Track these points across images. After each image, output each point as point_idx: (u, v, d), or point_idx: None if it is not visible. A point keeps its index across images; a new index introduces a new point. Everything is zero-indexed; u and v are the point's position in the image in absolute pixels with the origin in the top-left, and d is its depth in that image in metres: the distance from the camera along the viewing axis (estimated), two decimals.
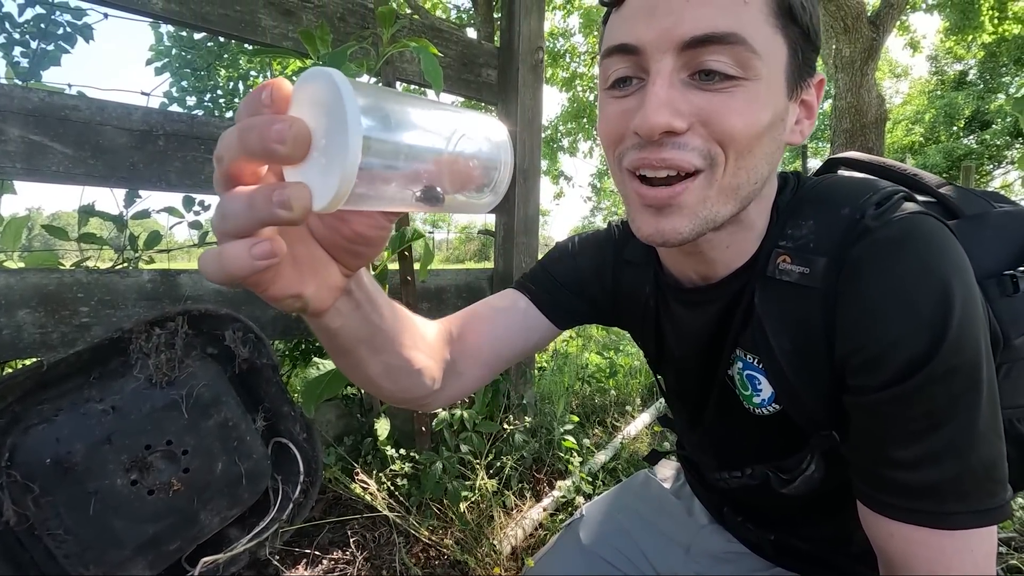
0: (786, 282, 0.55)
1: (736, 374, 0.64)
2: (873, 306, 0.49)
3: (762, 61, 0.48)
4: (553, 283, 0.77)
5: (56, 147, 1.13)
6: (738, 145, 0.49)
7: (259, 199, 0.29)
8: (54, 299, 1.14)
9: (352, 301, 0.45)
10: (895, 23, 5.41)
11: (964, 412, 0.47)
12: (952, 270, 0.48)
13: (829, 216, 0.55)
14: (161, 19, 1.30)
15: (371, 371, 0.54)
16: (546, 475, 1.77)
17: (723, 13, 0.46)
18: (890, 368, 0.48)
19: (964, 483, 0.47)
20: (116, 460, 0.98)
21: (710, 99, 0.48)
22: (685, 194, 0.50)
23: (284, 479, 1.21)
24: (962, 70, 21.71)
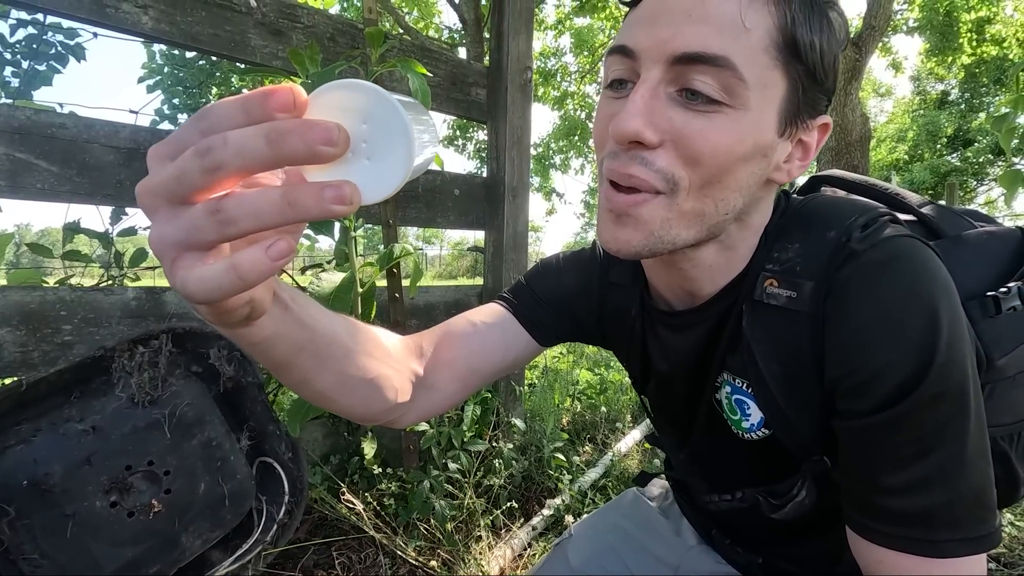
0: (774, 306, 0.54)
1: (724, 398, 0.63)
2: (861, 331, 0.49)
3: (751, 91, 0.47)
4: (535, 299, 0.76)
5: (42, 164, 1.12)
6: (704, 171, 0.48)
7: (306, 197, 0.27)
8: (36, 317, 1.12)
9: (279, 303, 0.42)
10: (877, 44, 5.54)
11: (953, 438, 0.47)
12: (939, 293, 0.48)
13: (815, 239, 0.54)
14: (151, 39, 1.31)
15: (321, 384, 0.51)
16: (536, 493, 1.76)
17: (719, 35, 0.46)
18: (879, 393, 0.47)
19: (954, 510, 0.47)
20: (95, 482, 0.96)
21: (688, 119, 0.47)
22: (643, 207, 0.49)
23: (269, 499, 1.19)
24: (944, 90, 22.24)
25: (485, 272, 2.00)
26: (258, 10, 1.41)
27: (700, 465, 0.75)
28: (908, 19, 12.34)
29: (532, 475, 1.80)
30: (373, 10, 1.54)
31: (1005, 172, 1.54)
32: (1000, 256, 0.62)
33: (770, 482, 0.62)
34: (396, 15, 5.41)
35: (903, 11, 11.98)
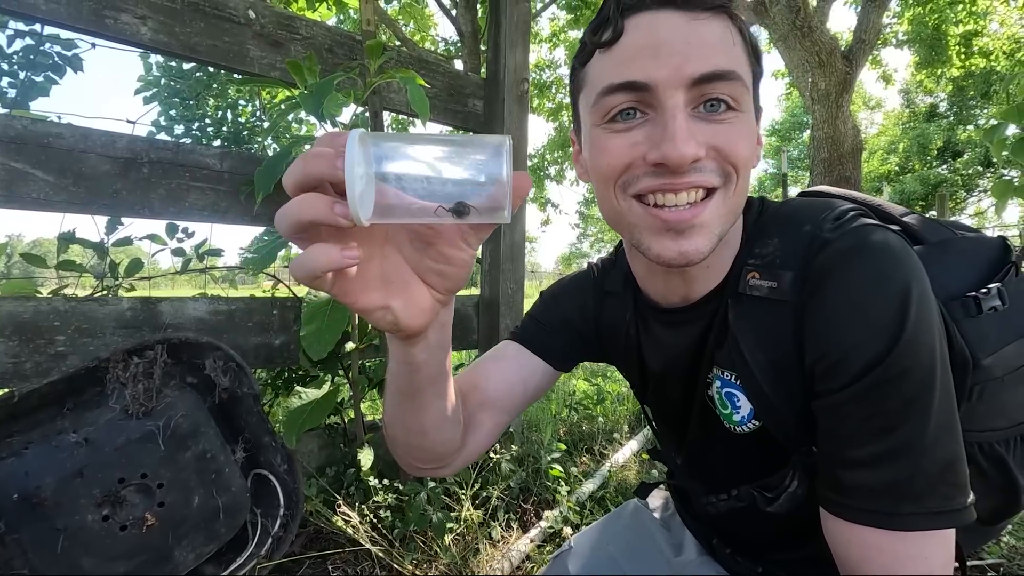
0: (757, 297, 0.58)
1: (715, 393, 0.65)
2: (833, 314, 0.52)
3: (747, 95, 0.54)
4: (541, 327, 0.80)
5: (37, 174, 1.12)
6: (742, 168, 0.54)
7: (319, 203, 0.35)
8: (29, 328, 1.11)
9: (441, 336, 0.49)
10: (867, 57, 5.62)
11: (917, 414, 0.48)
12: (907, 276, 0.51)
13: (792, 233, 0.58)
14: (150, 49, 1.31)
15: (427, 417, 0.57)
16: (533, 505, 1.74)
17: (722, 53, 0.52)
18: (849, 371, 0.50)
19: (919, 484, 0.48)
20: (88, 495, 0.95)
21: (716, 130, 0.52)
22: (705, 213, 0.53)
23: (263, 512, 1.18)
24: (932, 102, 22.56)
25: (482, 283, 2.00)
26: (256, 21, 1.42)
27: (698, 467, 0.76)
28: (897, 32, 12.53)
29: (529, 486, 1.79)
30: (372, 22, 1.55)
31: (997, 183, 1.56)
32: (980, 260, 0.65)
33: (764, 477, 0.63)
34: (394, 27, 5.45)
35: (892, 25, 12.18)
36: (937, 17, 11.22)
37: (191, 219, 1.35)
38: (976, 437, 0.63)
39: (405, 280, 0.43)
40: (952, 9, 11.14)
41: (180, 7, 1.29)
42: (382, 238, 0.43)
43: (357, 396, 1.56)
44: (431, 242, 0.42)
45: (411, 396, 0.55)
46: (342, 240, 0.38)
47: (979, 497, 0.62)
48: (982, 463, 0.65)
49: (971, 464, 0.61)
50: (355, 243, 0.39)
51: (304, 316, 1.25)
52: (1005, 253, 0.67)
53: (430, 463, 0.66)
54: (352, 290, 0.41)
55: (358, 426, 1.57)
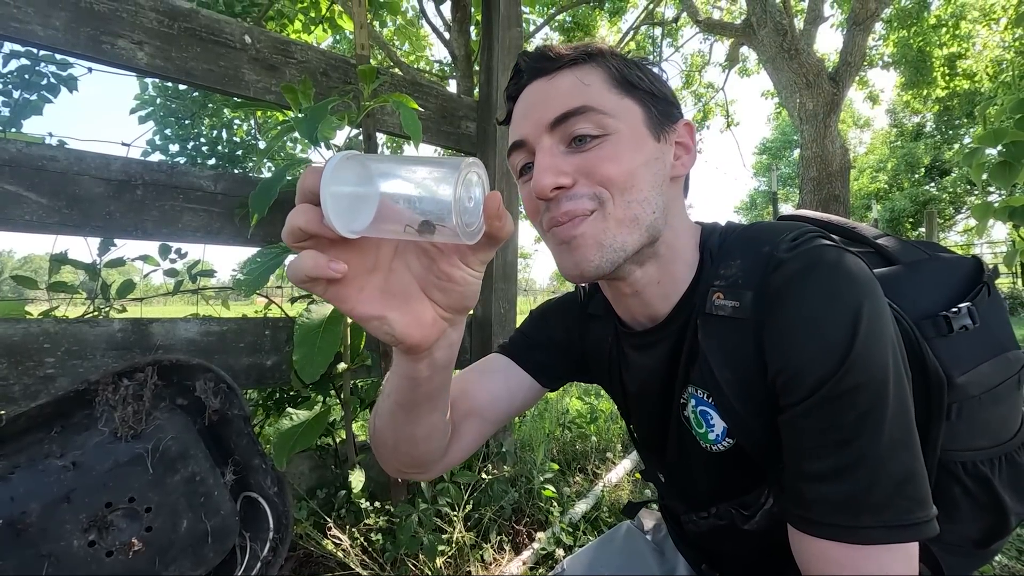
0: (723, 316, 0.60)
1: (691, 413, 0.66)
2: (788, 330, 0.54)
3: (615, 119, 0.59)
4: (530, 344, 0.83)
5: (31, 196, 1.12)
6: (618, 184, 0.58)
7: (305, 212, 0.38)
8: (19, 350, 1.11)
9: (448, 355, 0.50)
10: (854, 79, 5.73)
11: (871, 427, 0.49)
12: (858, 293, 0.53)
13: (753, 254, 0.61)
14: (147, 74, 1.33)
15: (420, 430, 0.60)
16: (526, 526, 1.73)
17: (571, 96, 0.60)
18: (803, 385, 0.52)
19: (876, 496, 0.49)
20: (74, 520, 0.94)
21: (585, 157, 0.59)
22: (583, 225, 0.59)
23: (253, 536, 1.16)
24: (919, 122, 22.97)
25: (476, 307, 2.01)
26: (252, 46, 1.44)
27: (679, 486, 0.77)
28: (883, 54, 12.81)
29: (522, 507, 1.77)
30: (365, 46, 1.58)
31: (976, 205, 1.59)
32: (953, 281, 0.67)
33: (741, 495, 0.64)
34: (387, 50, 5.51)
35: (878, 46, 12.45)
36: (921, 40, 11.49)
37: (184, 240, 1.36)
38: (959, 456, 0.64)
39: (408, 294, 0.45)
40: (936, 32, 11.42)
41: (177, 32, 1.31)
42: (391, 252, 0.44)
43: (349, 417, 1.55)
44: (435, 259, 0.44)
45: (408, 409, 0.57)
46: (341, 253, 0.40)
47: (969, 519, 0.65)
48: (967, 483, 0.65)
49: (957, 484, 0.65)
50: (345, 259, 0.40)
51: (296, 339, 1.25)
52: (978, 273, 0.68)
53: (413, 468, 0.68)
54: (348, 298, 0.42)
55: (349, 447, 1.56)
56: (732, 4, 11.39)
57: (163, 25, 1.29)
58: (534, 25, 8.49)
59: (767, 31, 5.51)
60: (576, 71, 0.62)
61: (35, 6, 1.12)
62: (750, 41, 6.38)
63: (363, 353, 1.54)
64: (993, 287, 0.68)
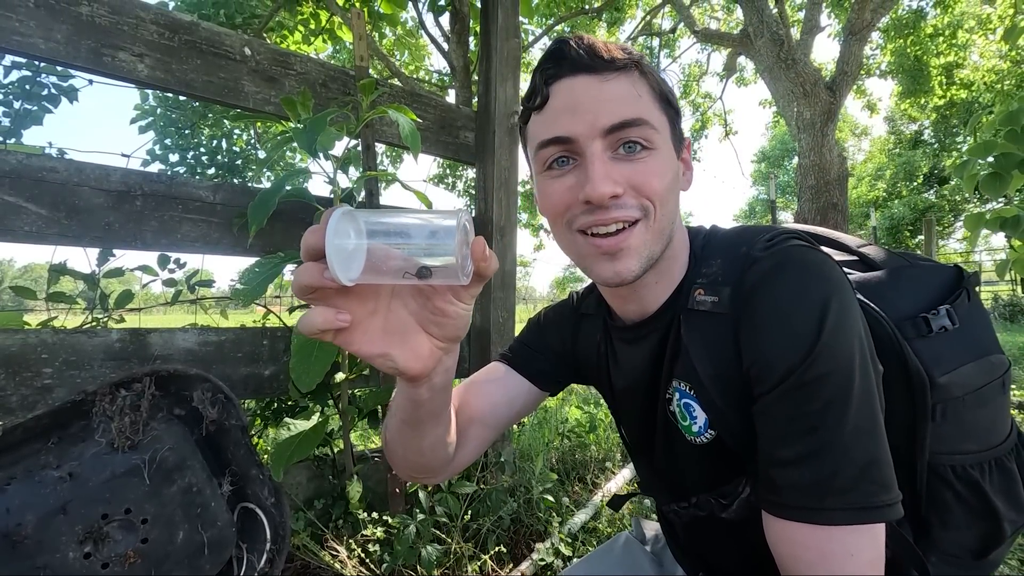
0: (703, 311, 0.65)
1: (676, 407, 0.69)
2: (761, 323, 0.58)
3: (659, 135, 0.63)
4: (527, 351, 0.87)
5: (30, 208, 1.13)
6: (659, 198, 0.62)
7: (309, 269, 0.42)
8: (16, 360, 1.11)
9: (444, 379, 0.56)
10: (851, 88, 5.77)
11: (836, 415, 0.52)
12: (826, 289, 0.56)
13: (732, 254, 0.66)
14: (147, 86, 1.34)
15: (425, 442, 0.65)
16: (524, 536, 1.72)
17: (628, 105, 0.61)
18: (773, 375, 0.55)
19: (841, 480, 0.51)
20: (70, 531, 0.93)
21: (633, 168, 0.62)
22: (630, 239, 0.63)
23: (249, 547, 1.16)
24: (917, 130, 23.07)
25: (473, 312, 2.01)
26: (252, 58, 1.45)
27: (665, 481, 0.80)
28: (881, 63, 12.89)
29: (521, 517, 1.77)
30: (365, 58, 1.59)
31: (969, 215, 1.60)
32: (933, 286, 0.70)
33: (722, 486, 0.68)
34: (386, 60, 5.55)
35: (875, 56, 12.53)
36: (919, 49, 11.56)
37: (183, 250, 1.36)
38: (948, 460, 0.66)
39: (406, 331, 0.49)
40: (933, 41, 11.50)
41: (177, 45, 1.32)
42: (388, 295, 0.49)
43: (347, 427, 1.55)
44: (429, 297, 0.48)
45: (413, 426, 0.62)
46: (345, 301, 0.45)
47: (963, 525, 0.66)
48: (958, 487, 0.67)
49: (948, 489, 0.67)
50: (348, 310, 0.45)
51: (293, 347, 1.25)
52: (958, 280, 0.71)
53: (422, 473, 0.74)
54: (354, 341, 0.47)
55: (347, 457, 1.56)
56: (729, 14, 11.49)
57: (164, 38, 1.30)
58: (533, 36, 8.55)
59: (764, 41, 5.55)
60: (630, 78, 0.63)
61: (37, 19, 1.14)
62: (747, 51, 6.42)
63: (361, 363, 1.54)
64: (973, 293, 0.70)
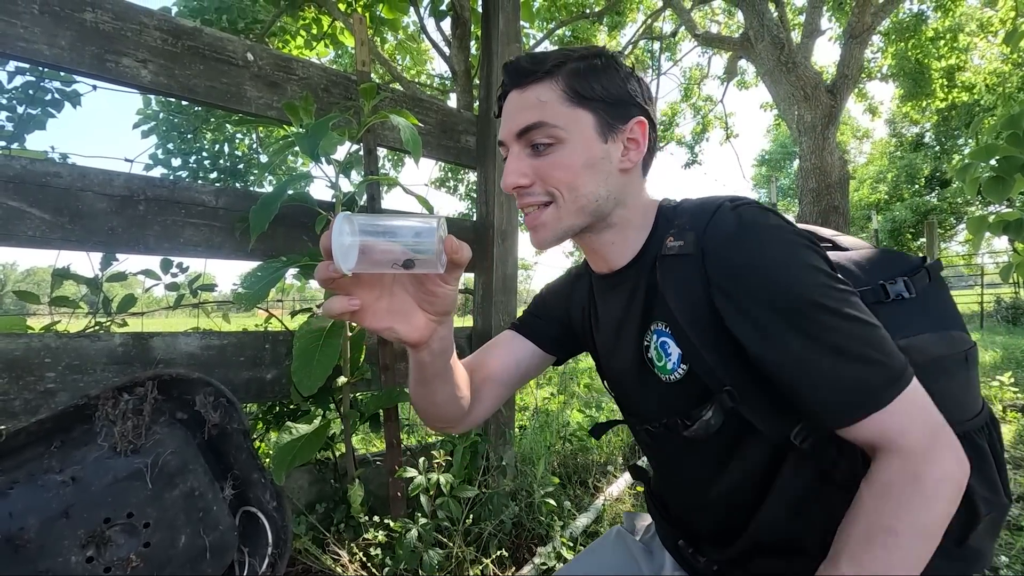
0: (673, 255, 0.74)
1: (654, 350, 0.78)
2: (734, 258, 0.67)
3: (565, 131, 0.72)
4: (531, 316, 0.99)
5: (34, 212, 1.13)
6: (565, 185, 0.74)
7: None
8: (20, 365, 1.11)
9: (442, 345, 0.68)
10: (851, 91, 5.77)
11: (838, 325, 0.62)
12: (788, 230, 0.67)
13: (699, 210, 0.76)
14: (150, 92, 1.34)
15: (439, 397, 0.77)
16: (526, 540, 1.72)
17: (530, 112, 0.73)
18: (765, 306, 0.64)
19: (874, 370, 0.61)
20: (72, 535, 0.93)
21: (540, 163, 0.74)
22: (542, 217, 0.76)
23: (251, 551, 1.16)
24: (918, 132, 23.04)
25: (475, 315, 2.01)
26: (255, 63, 1.46)
27: (639, 414, 0.89)
28: (882, 66, 12.89)
29: (523, 521, 1.76)
30: (366, 62, 1.60)
31: (971, 218, 1.60)
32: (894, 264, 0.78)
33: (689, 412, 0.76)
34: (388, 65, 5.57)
35: (877, 59, 12.53)
36: (919, 52, 11.56)
37: (186, 255, 1.37)
38: None
39: (406, 309, 0.62)
40: (934, 44, 11.50)
41: (180, 51, 1.33)
42: (391, 283, 0.62)
43: (348, 430, 1.55)
44: (422, 282, 0.61)
45: (424, 384, 0.75)
46: (357, 289, 0.58)
47: None
48: None
49: None
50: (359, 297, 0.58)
51: (295, 352, 1.25)
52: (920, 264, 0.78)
53: (443, 423, 0.85)
54: (366, 318, 0.59)
55: (349, 461, 1.56)
56: (730, 18, 11.51)
57: (167, 44, 1.31)
58: (534, 40, 8.58)
59: (765, 44, 5.56)
60: (537, 87, 0.74)
61: (41, 25, 1.14)
62: (748, 54, 6.43)
63: (363, 367, 1.54)
64: (935, 275, 0.76)
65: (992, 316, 10.64)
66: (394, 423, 1.62)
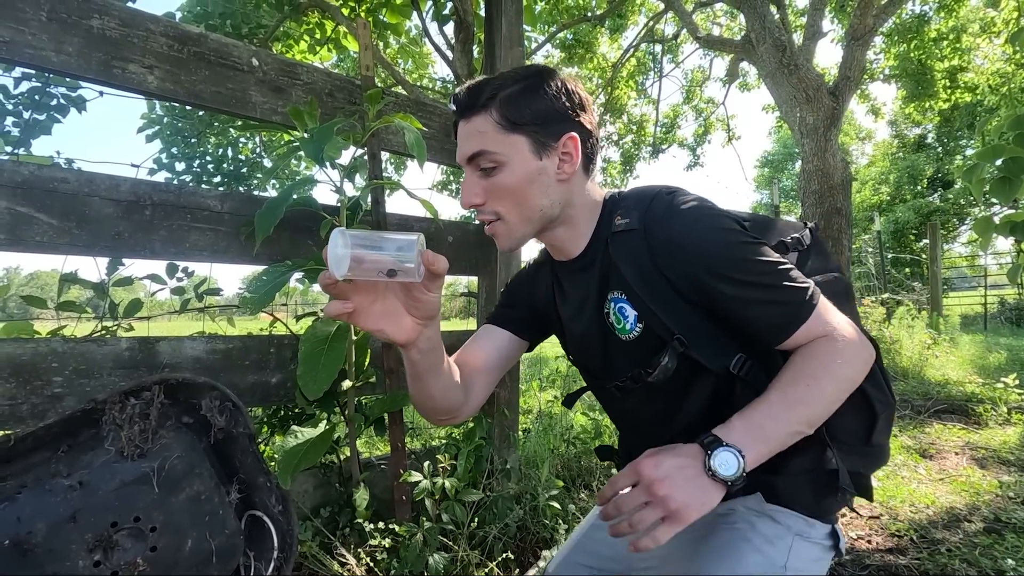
0: (621, 232, 0.88)
1: (613, 316, 0.91)
2: (673, 230, 0.83)
3: (503, 154, 0.83)
4: (502, 308, 1.09)
5: (42, 218, 1.14)
6: (507, 201, 0.86)
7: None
8: (27, 369, 1.12)
9: (428, 344, 0.77)
10: (853, 93, 5.77)
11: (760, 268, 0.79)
12: (711, 204, 0.86)
13: (640, 195, 0.91)
14: (156, 97, 1.35)
15: (433, 391, 0.86)
16: (531, 544, 1.72)
17: (471, 141, 0.85)
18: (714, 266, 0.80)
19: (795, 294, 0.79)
20: (80, 539, 0.94)
21: (489, 183, 0.85)
22: (495, 229, 0.89)
23: (257, 555, 1.16)
24: (920, 133, 22.99)
25: (479, 317, 2.02)
26: (259, 68, 1.47)
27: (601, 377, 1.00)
28: (884, 68, 12.87)
29: (527, 524, 1.76)
30: (370, 67, 1.61)
31: (977, 220, 1.60)
32: (789, 226, 0.98)
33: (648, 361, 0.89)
34: (391, 69, 5.59)
35: (879, 60, 12.51)
36: (922, 53, 11.54)
37: (191, 259, 1.38)
38: None
39: (396, 312, 0.72)
40: (937, 45, 11.48)
41: (186, 56, 1.33)
42: (383, 289, 0.71)
43: (353, 434, 1.55)
44: (410, 289, 0.70)
45: (417, 379, 0.83)
46: (354, 295, 0.68)
47: (845, 411, 0.85)
48: None
49: None
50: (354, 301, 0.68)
51: (301, 356, 1.26)
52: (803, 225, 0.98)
53: (443, 415, 0.93)
54: (360, 320, 0.69)
55: (354, 465, 1.56)
56: (732, 20, 11.52)
57: (173, 49, 1.32)
58: (536, 43, 8.59)
59: (766, 47, 5.57)
60: (476, 118, 0.85)
61: (49, 33, 1.15)
62: (750, 57, 6.44)
63: (367, 371, 1.54)
64: (816, 234, 0.97)
65: (996, 318, 10.60)
66: (398, 427, 1.62)
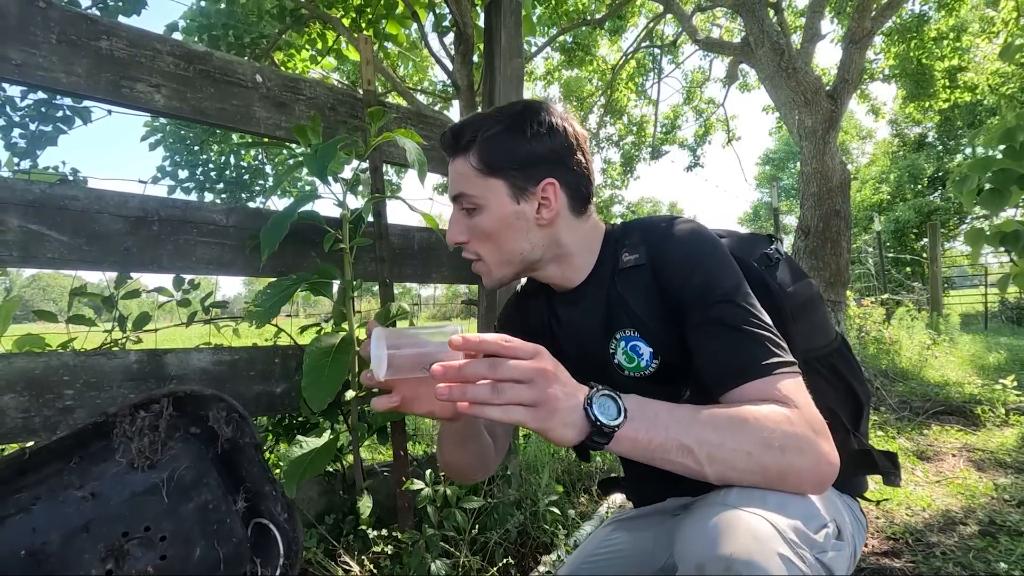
0: (630, 267, 0.88)
1: (622, 356, 0.90)
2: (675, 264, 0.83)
3: (481, 197, 0.86)
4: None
5: (53, 235, 1.17)
6: (487, 242, 0.89)
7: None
8: (39, 383, 1.15)
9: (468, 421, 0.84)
10: (852, 95, 5.79)
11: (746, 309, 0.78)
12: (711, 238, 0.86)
13: (646, 227, 0.92)
14: (163, 115, 1.38)
15: (471, 455, 0.92)
16: (531, 549, 1.75)
17: (455, 184, 0.88)
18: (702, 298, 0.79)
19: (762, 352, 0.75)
20: (92, 549, 0.97)
21: (470, 224, 0.89)
22: (479, 267, 0.93)
23: (263, 562, 1.19)
24: (921, 132, 22.97)
25: (479, 327, 2.04)
26: (263, 84, 1.50)
27: None
28: (884, 68, 12.87)
29: (528, 530, 1.79)
30: (372, 81, 1.64)
31: (969, 231, 1.62)
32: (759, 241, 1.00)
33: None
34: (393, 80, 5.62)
35: (879, 60, 12.51)
36: (922, 53, 11.54)
37: (198, 272, 1.41)
38: (812, 353, 0.93)
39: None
40: (937, 45, 11.48)
41: (192, 75, 1.37)
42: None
43: (356, 442, 1.58)
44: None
45: (461, 445, 0.89)
46: (402, 386, 0.75)
47: (836, 402, 0.92)
48: (823, 372, 0.94)
49: (818, 375, 0.92)
50: (400, 393, 0.74)
51: (305, 368, 1.29)
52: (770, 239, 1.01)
53: (480, 473, 0.99)
54: (409, 407, 0.76)
55: (357, 472, 1.59)
56: (732, 21, 11.54)
57: (179, 68, 1.35)
58: (536, 47, 8.62)
59: (765, 50, 5.59)
60: (459, 160, 0.88)
61: (59, 55, 1.18)
62: (749, 59, 6.46)
63: None
64: (780, 245, 1.00)
65: (996, 317, 10.61)
66: (401, 435, 1.65)
